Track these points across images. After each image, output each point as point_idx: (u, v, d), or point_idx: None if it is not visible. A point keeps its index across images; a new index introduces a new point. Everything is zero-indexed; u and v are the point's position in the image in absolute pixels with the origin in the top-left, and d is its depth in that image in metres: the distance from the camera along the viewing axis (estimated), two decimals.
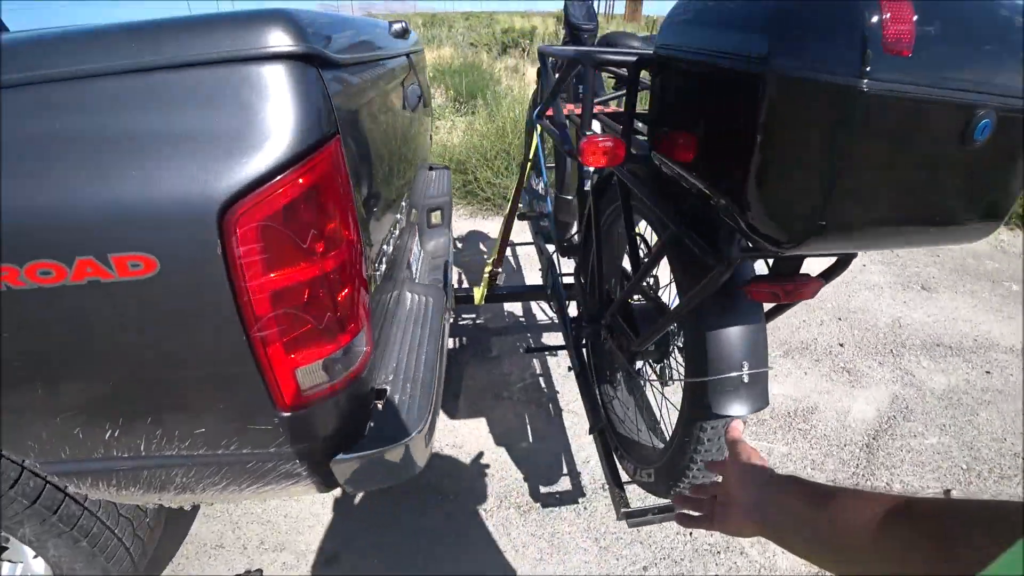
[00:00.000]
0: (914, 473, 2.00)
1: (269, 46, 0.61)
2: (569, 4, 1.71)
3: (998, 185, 0.58)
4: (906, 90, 0.48)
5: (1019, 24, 0.51)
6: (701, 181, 0.71)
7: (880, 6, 0.46)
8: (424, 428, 0.92)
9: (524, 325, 2.61)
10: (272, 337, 0.68)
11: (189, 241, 0.62)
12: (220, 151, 0.60)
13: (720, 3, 0.65)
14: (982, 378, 2.62)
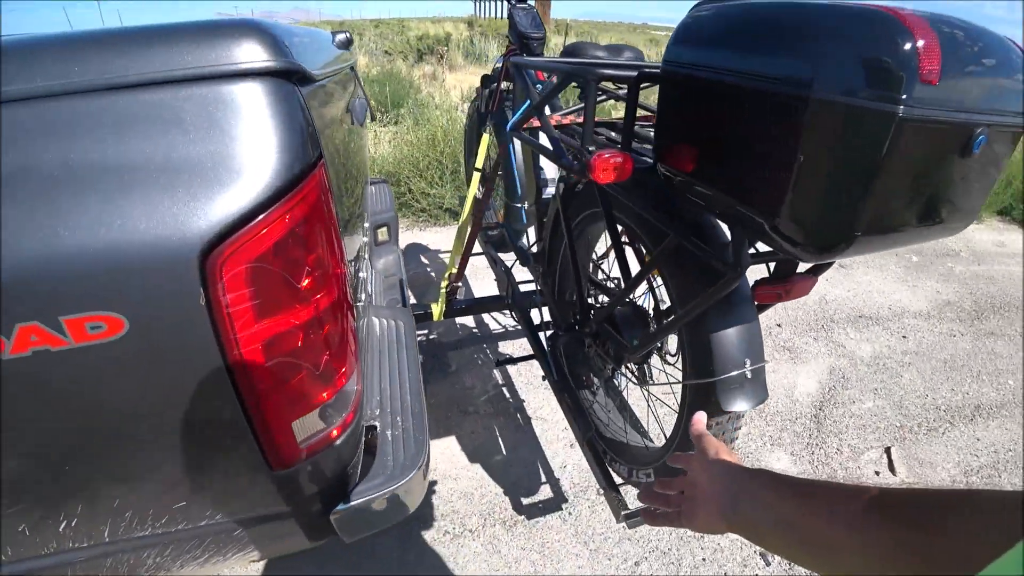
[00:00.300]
0: (858, 436, 2.14)
1: (245, 61, 0.53)
2: (514, 12, 1.69)
3: (981, 188, 0.67)
4: (931, 115, 0.53)
5: (1007, 52, 0.59)
6: (721, 193, 0.73)
7: (915, 40, 0.51)
8: (423, 462, 0.86)
9: (479, 336, 2.57)
10: (267, 391, 0.60)
11: (164, 293, 0.52)
12: (196, 184, 0.52)
13: (749, 26, 0.67)
14: (900, 342, 2.86)
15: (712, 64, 0.70)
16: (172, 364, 0.56)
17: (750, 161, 0.67)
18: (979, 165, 0.62)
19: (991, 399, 2.52)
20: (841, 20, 0.56)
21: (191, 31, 0.53)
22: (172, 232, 0.51)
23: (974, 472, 2.06)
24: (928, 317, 3.18)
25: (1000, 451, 2.20)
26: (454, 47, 8.58)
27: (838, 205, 0.59)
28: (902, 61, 0.51)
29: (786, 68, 0.59)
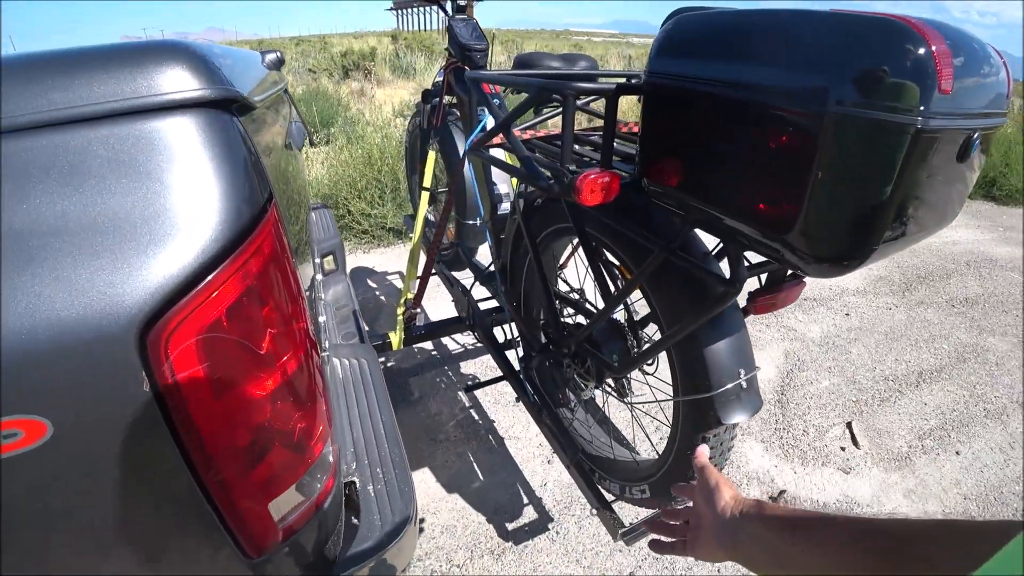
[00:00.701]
0: (821, 415, 2.21)
1: (173, 91, 0.43)
2: (454, 24, 1.63)
3: (964, 188, 0.68)
4: (944, 124, 0.53)
5: (991, 56, 0.60)
6: (718, 207, 0.70)
7: (932, 49, 0.50)
8: (413, 516, 0.78)
9: (439, 358, 2.48)
10: (235, 477, 0.51)
11: (97, 382, 0.43)
12: (123, 246, 0.42)
13: (750, 35, 0.63)
14: (845, 320, 3.00)
15: (706, 76, 0.66)
16: (115, 463, 0.46)
17: (755, 175, 0.63)
18: (972, 165, 0.62)
19: (931, 364, 2.67)
20: (855, 30, 0.54)
21: (105, 57, 0.43)
22: (100, 308, 0.41)
23: (927, 435, 2.17)
24: (865, 293, 3.35)
25: (946, 412, 2.33)
26: (380, 62, 8.42)
27: (856, 220, 0.58)
28: (922, 72, 0.50)
29: (798, 80, 0.57)
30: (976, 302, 3.43)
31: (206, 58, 0.46)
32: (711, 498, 0.59)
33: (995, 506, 1.88)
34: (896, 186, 0.54)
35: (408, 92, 7.41)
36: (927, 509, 1.84)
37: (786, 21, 0.60)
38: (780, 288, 0.89)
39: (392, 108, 5.90)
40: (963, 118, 0.55)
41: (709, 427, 0.92)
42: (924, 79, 0.50)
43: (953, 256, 4.18)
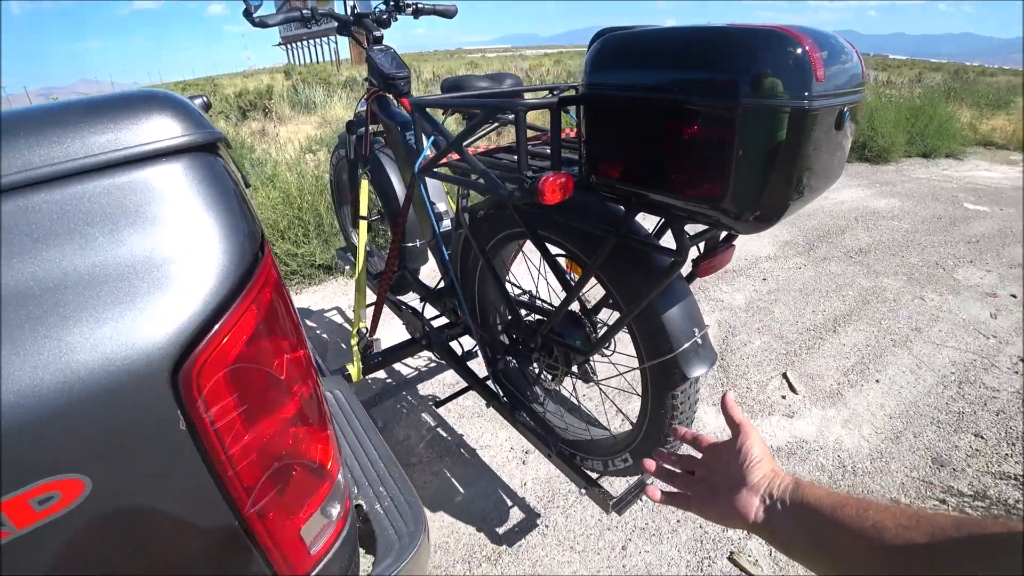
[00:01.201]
0: (759, 372, 2.41)
1: (167, 138, 0.45)
2: (373, 55, 1.66)
3: (844, 154, 0.84)
4: (824, 104, 0.68)
5: (846, 49, 0.76)
6: (660, 190, 0.81)
7: (808, 50, 0.65)
8: (425, 523, 0.81)
9: (395, 384, 2.47)
10: (268, 505, 0.52)
11: (131, 429, 0.43)
12: (144, 290, 0.43)
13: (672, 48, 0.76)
14: (763, 284, 3.27)
15: (639, 83, 0.78)
16: (156, 508, 0.46)
17: (688, 159, 0.76)
18: (846, 133, 0.78)
19: (842, 310, 2.97)
20: (753, 39, 0.68)
21: (94, 109, 0.44)
22: (127, 354, 0.42)
23: (850, 371, 2.42)
24: (776, 258, 3.67)
25: (862, 348, 2.60)
26: (279, 99, 8.19)
27: (772, 183, 0.71)
28: (802, 67, 0.65)
29: (715, 81, 0.70)
30: (868, 251, 3.84)
31: (187, 105, 0.48)
32: (749, 466, 0.56)
33: (913, 418, 2.14)
34: (796, 154, 0.69)
35: (312, 127, 7.26)
36: (863, 433, 2.05)
37: (699, 35, 0.74)
38: (716, 252, 1.02)
39: (299, 144, 5.77)
40: (835, 97, 0.70)
41: (676, 385, 1.02)
42: (804, 72, 0.65)
43: (843, 214, 4.65)
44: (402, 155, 1.69)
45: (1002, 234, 4.27)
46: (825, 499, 0.49)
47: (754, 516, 0.53)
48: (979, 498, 1.79)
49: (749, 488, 0.55)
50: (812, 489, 0.51)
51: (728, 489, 0.56)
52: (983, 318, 2.94)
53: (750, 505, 0.54)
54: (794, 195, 0.73)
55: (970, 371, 2.47)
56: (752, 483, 0.55)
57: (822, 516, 0.48)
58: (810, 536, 0.49)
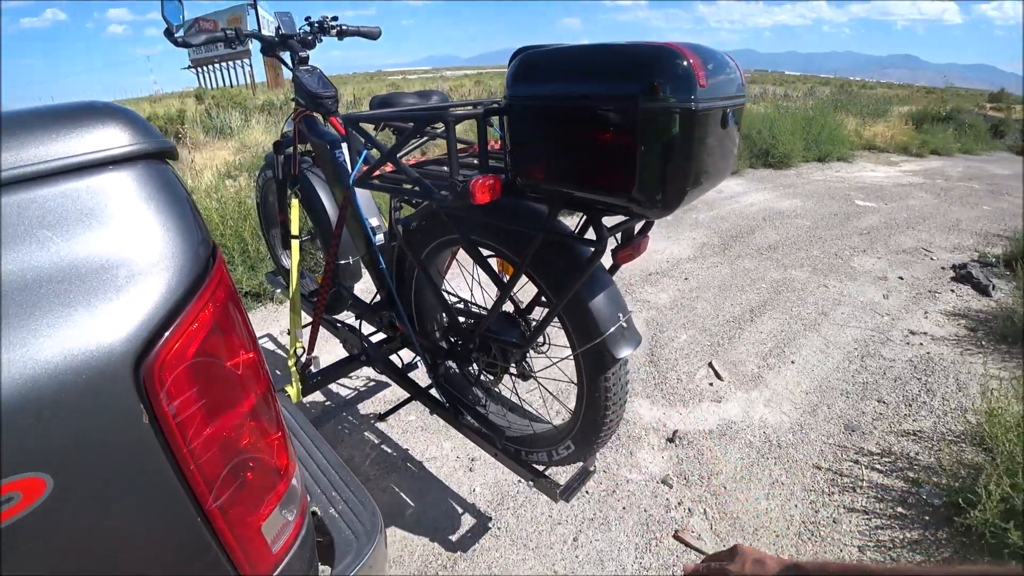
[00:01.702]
0: (687, 363, 2.56)
1: (122, 145, 0.46)
2: (300, 75, 1.66)
3: (733, 148, 0.96)
4: (708, 105, 0.79)
5: (727, 61, 0.89)
6: (578, 188, 0.90)
7: (692, 62, 0.77)
8: (380, 521, 0.84)
9: (334, 406, 2.43)
10: (230, 501, 0.53)
11: (93, 425, 0.43)
12: (105, 290, 0.44)
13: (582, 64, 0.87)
14: (685, 284, 3.47)
15: (553, 94, 0.88)
16: (119, 504, 0.46)
17: (600, 158, 0.85)
18: (730, 132, 0.90)
19: (756, 301, 3.22)
20: (648, 53, 0.80)
21: (49, 118, 0.45)
22: (90, 351, 0.43)
23: (768, 355, 2.62)
24: (695, 259, 3.91)
25: (777, 334, 2.83)
26: (192, 124, 7.83)
27: (671, 173, 0.82)
28: (687, 76, 0.77)
29: (617, 90, 0.81)
30: (777, 247, 4.17)
31: (136, 115, 0.50)
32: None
33: (826, 392, 2.35)
34: (689, 148, 0.80)
35: (230, 152, 6.99)
36: (783, 410, 2.23)
37: (603, 51, 0.85)
38: (633, 242, 1.13)
39: (216, 171, 5.54)
40: (718, 100, 0.82)
41: (608, 367, 1.10)
42: (690, 80, 0.77)
43: (753, 215, 5.03)
44: (332, 173, 1.70)
45: (888, 225, 4.77)
46: None
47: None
48: (886, 455, 1.99)
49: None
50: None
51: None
52: (877, 299, 3.28)
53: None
54: (691, 183, 0.84)
55: (870, 346, 2.74)
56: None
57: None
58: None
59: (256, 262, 3.52)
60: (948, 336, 2.86)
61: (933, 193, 6.11)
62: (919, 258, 3.99)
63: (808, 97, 13.71)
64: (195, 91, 17.00)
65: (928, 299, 3.30)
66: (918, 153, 8.81)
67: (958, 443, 2.06)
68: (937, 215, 5.16)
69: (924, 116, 10.77)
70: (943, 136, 9.37)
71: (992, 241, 4.39)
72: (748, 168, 7.06)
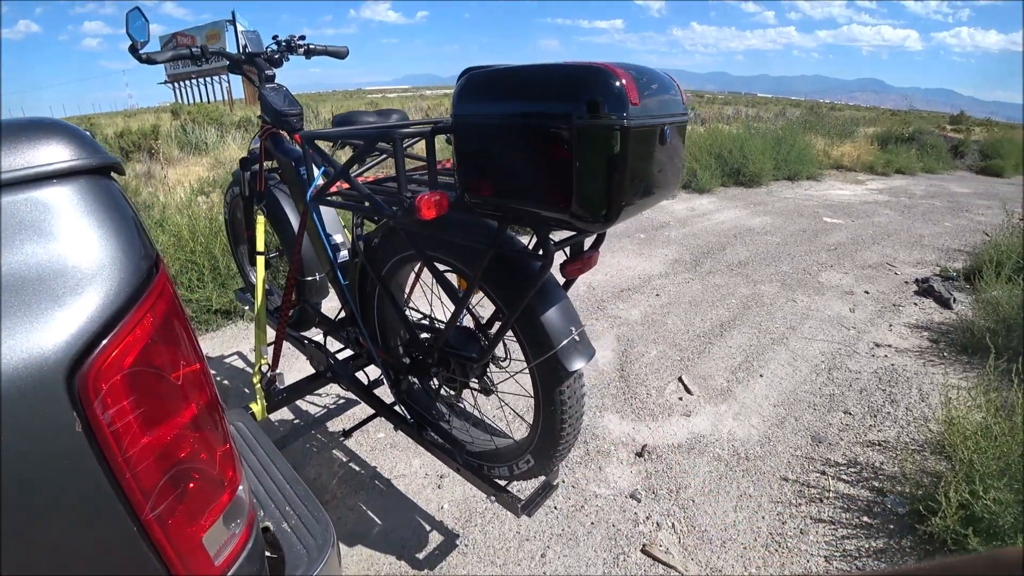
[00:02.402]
0: (657, 378, 2.59)
1: (64, 160, 0.47)
2: (265, 93, 1.67)
3: (679, 161, 0.99)
4: (641, 122, 0.82)
5: (666, 80, 0.93)
6: (523, 203, 0.92)
7: (623, 81, 0.80)
8: (333, 534, 0.83)
9: (302, 424, 2.39)
10: (168, 510, 0.53)
11: (25, 431, 0.43)
12: (41, 300, 0.44)
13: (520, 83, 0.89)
14: (656, 300, 3.52)
15: (496, 112, 0.90)
16: (51, 515, 0.46)
17: (540, 174, 0.87)
18: (672, 148, 0.93)
19: (726, 316, 3.27)
20: (582, 73, 0.82)
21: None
22: (22, 358, 0.43)
23: (737, 369, 2.67)
24: (666, 275, 3.98)
25: (746, 348, 2.88)
26: (166, 139, 7.74)
27: (607, 188, 0.83)
28: (619, 94, 0.79)
29: (554, 108, 0.83)
30: (747, 263, 4.26)
31: (81, 132, 0.51)
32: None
33: (793, 404, 2.40)
34: (623, 163, 0.81)
35: (204, 168, 6.93)
36: (752, 423, 2.27)
37: (542, 71, 0.87)
38: (582, 256, 1.15)
39: (190, 187, 5.49)
40: (653, 118, 0.85)
41: (561, 380, 1.11)
42: (622, 98, 0.79)
43: (724, 232, 5.14)
44: (297, 189, 1.71)
45: (854, 241, 4.92)
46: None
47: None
48: (852, 465, 2.03)
49: None
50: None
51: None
52: (844, 313, 3.36)
53: None
54: (628, 197, 0.86)
55: (836, 359, 2.81)
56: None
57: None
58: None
59: (227, 279, 3.47)
60: (911, 348, 2.94)
61: (897, 210, 6.32)
62: (884, 273, 4.11)
63: (779, 118, 14.14)
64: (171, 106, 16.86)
65: (892, 312, 3.39)
66: (883, 172, 9.12)
67: (921, 452, 2.11)
68: (901, 231, 5.34)
69: (889, 137, 11.20)
70: (906, 156, 9.74)
71: (953, 256, 4.55)
72: (720, 187, 7.23)
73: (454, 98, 0.96)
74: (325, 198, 1.22)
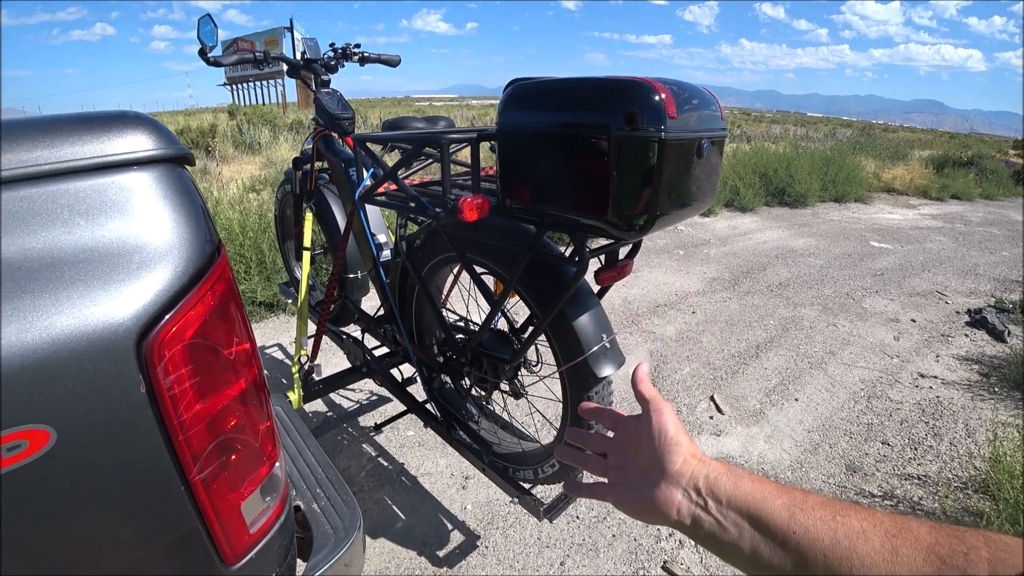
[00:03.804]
0: (688, 395, 2.55)
1: (145, 149, 0.53)
2: (321, 97, 1.77)
3: (715, 176, 1.00)
4: (678, 136, 0.84)
5: (705, 95, 0.94)
6: (561, 209, 0.95)
7: (661, 95, 0.82)
8: (359, 519, 0.86)
9: (335, 417, 2.46)
10: (213, 475, 0.57)
11: (96, 388, 0.48)
12: (119, 271, 0.50)
13: (563, 95, 0.93)
14: (692, 317, 3.48)
15: (539, 121, 0.94)
16: (112, 466, 0.51)
17: (579, 182, 0.90)
18: (709, 162, 0.94)
19: (763, 338, 3.21)
20: (622, 87, 0.85)
21: (85, 123, 0.51)
22: (100, 322, 0.48)
23: (772, 391, 2.61)
24: (704, 293, 3.92)
25: (782, 371, 2.81)
26: (223, 138, 8.12)
27: (643, 198, 0.86)
28: (658, 108, 0.81)
29: (594, 119, 0.86)
30: (788, 284, 4.17)
31: (160, 124, 0.56)
32: (664, 449, 0.46)
33: (829, 431, 2.33)
34: (659, 175, 0.84)
35: (256, 167, 7.23)
36: (784, 447, 2.21)
37: (584, 84, 0.90)
38: (616, 265, 1.17)
39: (242, 184, 5.73)
40: (691, 132, 0.87)
41: (591, 386, 1.12)
42: (660, 112, 0.81)
43: (765, 252, 5.03)
44: (345, 189, 1.78)
45: (902, 267, 4.74)
46: (773, 497, 0.41)
47: (677, 513, 0.44)
48: (888, 498, 1.96)
49: (667, 479, 0.45)
50: (755, 483, 0.42)
51: (644, 478, 0.47)
52: (888, 340, 3.25)
53: (671, 500, 0.44)
54: (663, 208, 0.88)
55: (877, 387, 2.71)
56: (671, 472, 0.45)
57: (779, 511, 0.40)
58: (754, 539, 0.40)
59: (272, 273, 3.61)
60: (959, 380, 2.82)
61: (951, 237, 6.06)
62: (933, 301, 3.95)
63: (829, 138, 13.76)
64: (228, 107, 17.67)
65: (940, 343, 3.26)
66: (938, 197, 8.76)
67: (964, 489, 2.02)
68: (954, 259, 5.12)
69: (945, 160, 10.73)
70: (964, 181, 9.32)
71: (1010, 287, 4.33)
72: (763, 206, 7.08)
73: (500, 107, 1.00)
74: (373, 197, 1.27)
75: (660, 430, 0.47)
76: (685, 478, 0.45)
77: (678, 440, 0.47)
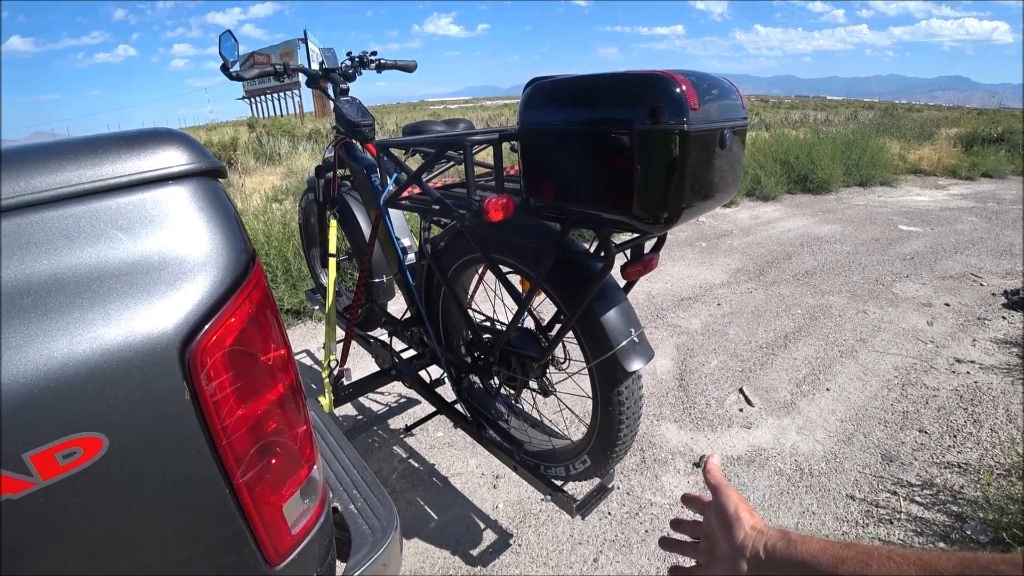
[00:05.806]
0: (717, 388, 2.53)
1: (180, 164, 0.55)
2: (340, 105, 1.80)
3: (738, 166, 1.00)
4: (701, 127, 0.84)
5: (726, 85, 0.94)
6: (585, 205, 0.96)
7: (683, 88, 0.82)
8: (396, 519, 0.88)
9: (365, 420, 2.50)
10: (256, 477, 0.59)
11: (143, 396, 0.50)
12: (160, 282, 0.52)
13: (583, 91, 0.93)
14: (717, 309, 3.44)
15: (561, 119, 0.94)
16: (160, 471, 0.53)
17: (603, 177, 0.91)
18: (732, 152, 0.94)
19: (791, 327, 3.15)
20: (643, 81, 0.85)
21: (121, 141, 0.54)
22: (144, 332, 0.50)
23: (802, 382, 2.56)
24: (728, 284, 3.87)
25: (812, 361, 2.76)
26: (244, 150, 8.29)
27: (667, 191, 0.86)
28: (679, 100, 0.82)
29: (616, 114, 0.86)
30: (814, 272, 4.09)
31: (193, 139, 0.59)
32: (728, 527, 0.54)
33: (862, 420, 2.28)
34: (684, 167, 0.84)
35: (278, 177, 7.35)
36: (816, 438, 2.17)
37: (604, 79, 0.91)
38: (642, 259, 1.17)
39: (265, 195, 5.84)
40: (712, 122, 0.87)
41: (620, 380, 1.12)
42: (682, 104, 0.81)
43: (790, 240, 4.94)
44: (368, 195, 1.81)
45: (933, 251, 4.61)
46: (822, 554, 0.46)
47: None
48: (927, 487, 1.91)
49: (734, 551, 0.53)
50: (806, 544, 0.48)
51: (721, 555, 0.55)
52: (921, 326, 3.16)
53: (739, 570, 0.52)
54: (688, 200, 0.88)
55: (911, 374, 2.65)
56: (735, 545, 0.53)
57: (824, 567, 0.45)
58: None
59: (298, 281, 3.68)
60: (998, 365, 2.73)
61: (984, 217, 5.87)
62: (967, 284, 3.84)
63: (850, 121, 13.45)
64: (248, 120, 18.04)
65: (976, 326, 3.16)
66: (968, 176, 8.49)
67: (1007, 477, 1.96)
68: (988, 239, 4.96)
69: (974, 138, 10.38)
70: (995, 158, 9.01)
71: None
72: (785, 194, 6.96)
73: (520, 107, 1.01)
74: (398, 202, 1.29)
75: (724, 512, 0.56)
76: (748, 549, 0.52)
77: (738, 516, 0.54)
